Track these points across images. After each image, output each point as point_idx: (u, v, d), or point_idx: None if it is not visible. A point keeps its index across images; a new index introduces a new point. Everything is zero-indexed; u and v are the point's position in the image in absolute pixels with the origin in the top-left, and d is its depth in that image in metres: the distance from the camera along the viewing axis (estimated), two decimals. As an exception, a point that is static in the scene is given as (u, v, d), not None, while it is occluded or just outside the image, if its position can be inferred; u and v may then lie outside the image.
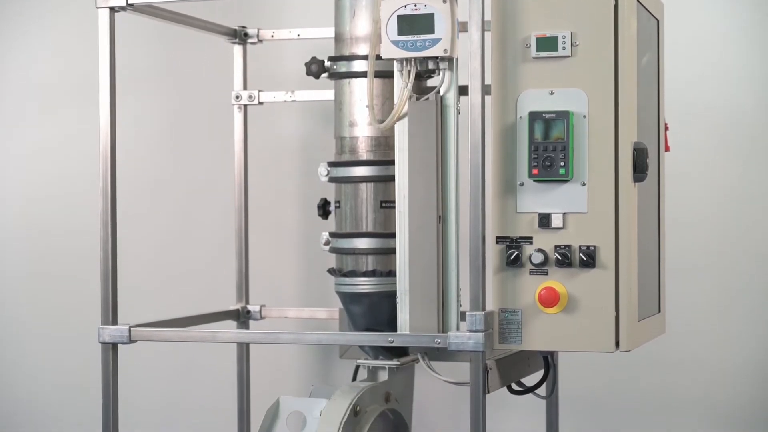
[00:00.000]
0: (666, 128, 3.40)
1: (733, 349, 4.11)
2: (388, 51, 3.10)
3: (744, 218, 4.09)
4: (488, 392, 3.00)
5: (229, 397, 4.12)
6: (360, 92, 3.33)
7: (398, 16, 3.08)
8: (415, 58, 3.09)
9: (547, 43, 2.97)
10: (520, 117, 3.00)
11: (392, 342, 3.10)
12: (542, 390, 3.42)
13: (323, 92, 3.83)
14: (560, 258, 2.95)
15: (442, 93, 3.11)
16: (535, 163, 2.96)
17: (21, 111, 4.74)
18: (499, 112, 3.02)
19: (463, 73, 3.04)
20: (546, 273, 2.98)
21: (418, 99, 3.11)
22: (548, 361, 3.33)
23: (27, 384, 4.74)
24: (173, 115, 4.60)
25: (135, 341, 3.30)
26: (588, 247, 2.95)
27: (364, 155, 3.33)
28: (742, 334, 4.10)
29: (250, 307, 4.02)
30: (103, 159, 3.30)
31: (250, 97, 4.00)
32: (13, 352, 4.75)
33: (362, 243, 3.32)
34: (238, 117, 4.03)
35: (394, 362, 3.31)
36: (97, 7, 3.30)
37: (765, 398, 4.10)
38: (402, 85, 3.12)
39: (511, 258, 2.99)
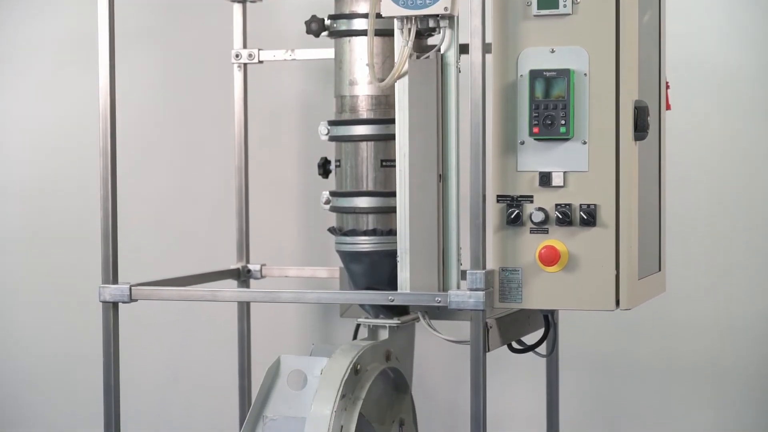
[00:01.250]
0: (667, 86, 3.38)
1: (733, 307, 4.11)
2: (388, 9, 3.09)
3: (744, 175, 4.09)
4: (488, 351, 3.00)
5: (230, 357, 4.13)
6: (360, 51, 3.32)
7: (398, -26, 3.07)
8: (416, 16, 3.08)
9: (548, 1, 2.96)
10: (521, 75, 2.99)
11: (393, 301, 3.10)
12: (542, 348, 3.42)
13: (323, 51, 3.81)
14: (561, 216, 2.95)
15: (442, 51, 3.10)
16: (536, 122, 2.96)
17: (20, 71, 4.72)
18: (499, 70, 3.01)
19: (464, 32, 3.02)
20: (546, 231, 2.98)
21: (418, 57, 3.09)
22: (548, 320, 3.33)
23: (25, 347, 4.75)
24: (173, 74, 4.59)
25: (136, 300, 3.30)
26: (588, 205, 2.95)
27: (364, 114, 3.32)
28: (743, 292, 4.10)
29: (250, 267, 4.02)
30: (103, 118, 3.29)
31: (250, 55, 3.98)
32: (9, 316, 4.75)
33: (362, 202, 3.32)
34: (238, 76, 4.01)
35: (394, 321, 3.32)
36: (96, -35, 3.29)
37: (765, 357, 4.11)
38: (402, 43, 3.11)
39: (512, 217, 2.99)
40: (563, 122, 2.93)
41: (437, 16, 3.07)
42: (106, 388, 3.30)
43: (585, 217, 2.94)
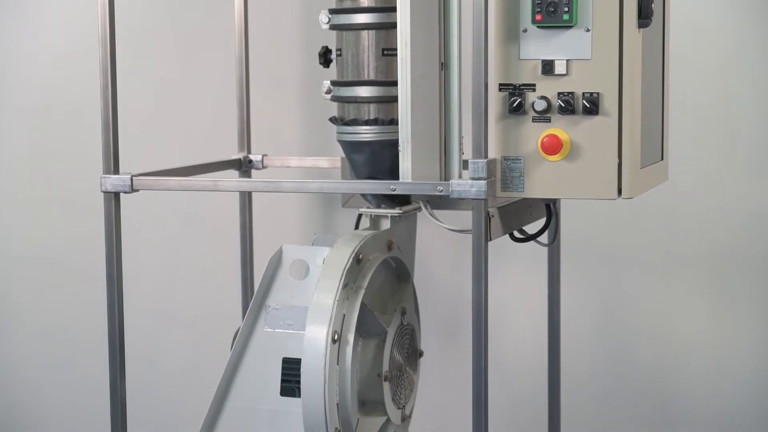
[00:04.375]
0: (672, -27, 3.35)
1: (734, 196, 4.11)
2: None
3: (750, 61, 4.06)
4: (490, 239, 3.01)
5: (232, 247, 4.14)
6: (361, -64, 3.28)
7: None
8: None
9: None
10: (523, -39, 2.95)
11: (394, 190, 3.10)
12: (544, 238, 3.43)
13: (324, -63, 3.76)
14: (563, 105, 2.93)
15: (444, -63, 3.06)
16: (539, 9, 2.92)
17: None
18: (502, -44, 2.97)
19: None
20: (549, 120, 2.96)
21: (419, -57, 3.05)
22: (550, 209, 3.34)
23: (27, 239, 4.76)
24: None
25: (137, 190, 3.29)
26: (591, 93, 2.93)
27: (365, 2, 3.28)
28: (745, 182, 4.10)
29: (251, 157, 4.01)
30: (101, 7, 3.26)
31: (249, -57, 3.93)
32: (7, 210, 4.76)
33: (364, 91, 3.30)
34: (237, -36, 3.97)
35: (396, 210, 3.32)
36: None
37: (766, 245, 4.12)
38: (403, -72, 3.06)
39: (514, 105, 2.97)
40: (566, 9, 2.90)
41: None
42: (108, 279, 3.31)
43: (587, 105, 2.92)
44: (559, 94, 2.95)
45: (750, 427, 4.18)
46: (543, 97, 2.95)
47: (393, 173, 3.20)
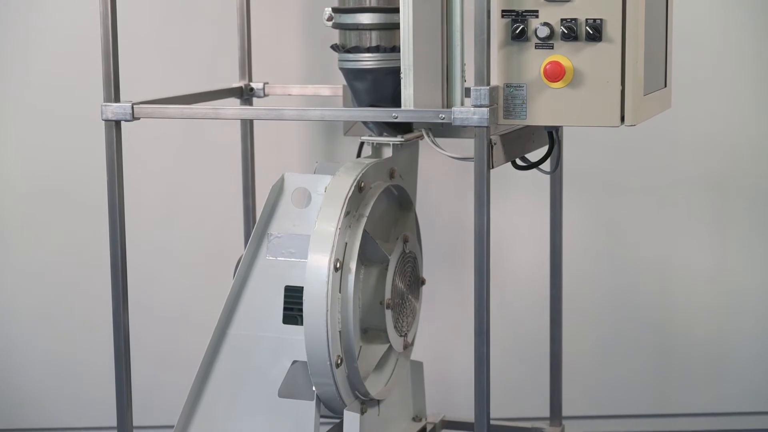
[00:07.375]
0: None
1: (737, 123, 4.10)
2: None
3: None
4: (492, 167, 3.00)
5: (234, 176, 4.13)
6: None
7: None
8: None
9: None
10: None
11: (396, 117, 3.08)
12: (546, 165, 3.42)
13: None
14: (566, 31, 2.91)
15: None
16: (542, -67, 2.90)
17: None
18: None
19: None
20: (552, 47, 2.94)
21: None
22: (553, 137, 3.32)
23: (25, 171, 4.75)
24: None
25: (138, 118, 3.28)
26: (594, 20, 2.90)
27: (367, -73, 3.26)
28: (747, 107, 4.08)
29: (253, 85, 3.99)
30: (100, -67, 3.24)
31: None
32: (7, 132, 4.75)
33: (366, 18, 3.27)
34: None
35: (398, 138, 3.31)
36: None
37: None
38: None
39: (517, 32, 2.95)
40: (570, -66, 2.88)
41: None
42: (111, 208, 3.31)
43: (591, 31, 2.90)
44: (562, 20, 2.92)
45: (751, 357, 4.20)
46: (546, 24, 2.93)
47: (395, 101, 3.19)
